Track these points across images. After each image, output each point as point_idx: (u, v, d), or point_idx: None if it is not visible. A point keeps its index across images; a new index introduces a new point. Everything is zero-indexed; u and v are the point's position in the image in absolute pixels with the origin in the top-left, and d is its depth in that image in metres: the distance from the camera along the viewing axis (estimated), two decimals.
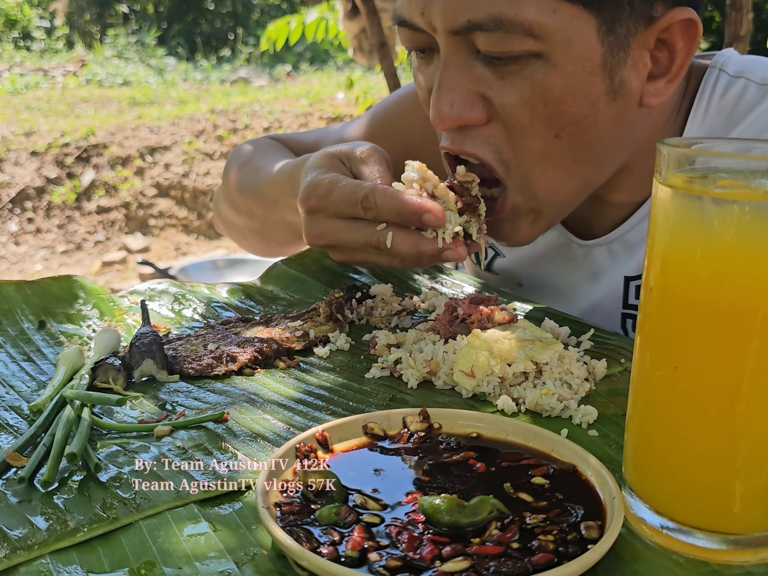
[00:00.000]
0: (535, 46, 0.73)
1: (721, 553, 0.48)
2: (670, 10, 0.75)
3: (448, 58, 0.77)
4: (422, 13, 0.76)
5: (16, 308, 0.88)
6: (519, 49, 0.73)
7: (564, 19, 0.72)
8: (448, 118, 0.78)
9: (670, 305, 0.48)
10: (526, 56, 0.74)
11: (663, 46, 0.78)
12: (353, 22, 3.76)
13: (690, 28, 0.77)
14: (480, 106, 0.77)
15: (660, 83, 0.79)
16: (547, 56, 0.74)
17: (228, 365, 0.74)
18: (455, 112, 0.77)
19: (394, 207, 0.75)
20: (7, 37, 9.55)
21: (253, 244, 1.25)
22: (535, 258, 1.01)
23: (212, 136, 6.01)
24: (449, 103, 0.77)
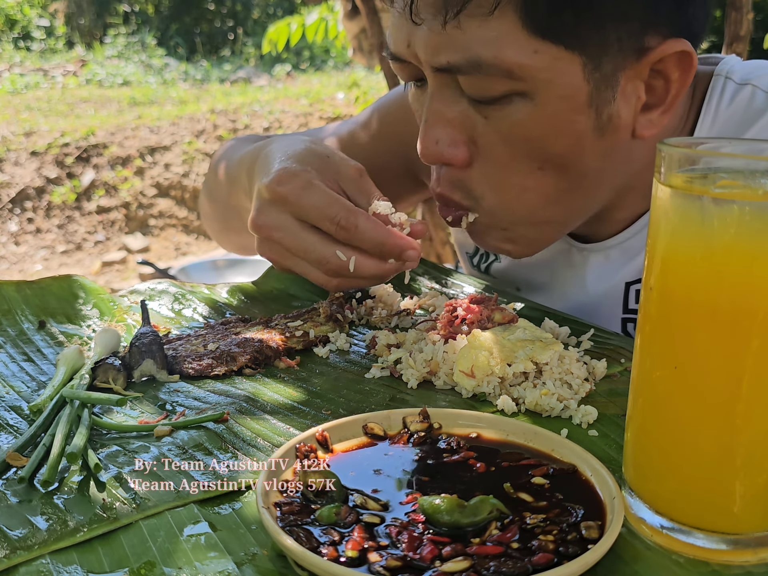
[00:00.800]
0: (516, 86, 0.72)
1: (721, 553, 0.48)
2: (664, 42, 0.74)
3: (434, 92, 0.77)
4: (408, 45, 0.76)
5: (16, 308, 0.88)
6: (500, 90, 0.73)
7: (546, 59, 0.71)
8: (432, 154, 0.78)
9: (670, 305, 0.48)
10: (509, 95, 0.73)
11: (659, 75, 0.76)
12: (353, 22, 3.76)
13: (684, 60, 0.75)
14: (464, 147, 0.78)
15: (654, 114, 0.78)
16: (529, 95, 0.73)
17: (228, 365, 0.74)
18: (439, 150, 0.78)
19: (378, 238, 0.75)
20: (7, 37, 9.55)
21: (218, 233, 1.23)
22: (533, 262, 1.01)
23: (212, 136, 6.01)
24: (434, 140, 0.78)
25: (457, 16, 0.71)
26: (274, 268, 1.03)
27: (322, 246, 0.76)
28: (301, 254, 0.78)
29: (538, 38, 0.71)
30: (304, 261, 0.78)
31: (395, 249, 0.76)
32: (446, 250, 3.49)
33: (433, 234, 3.45)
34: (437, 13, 0.72)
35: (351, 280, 0.80)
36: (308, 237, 0.77)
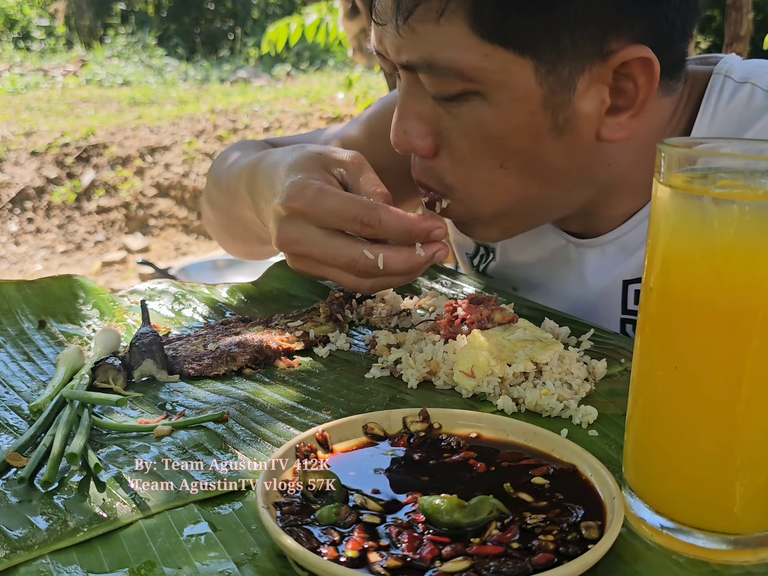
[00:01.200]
0: (470, 87, 0.74)
1: (721, 553, 0.48)
2: (625, 48, 0.73)
3: (405, 86, 0.80)
4: (380, 42, 0.80)
5: (16, 308, 0.88)
6: (455, 89, 0.75)
7: (497, 62, 0.73)
8: (402, 144, 0.82)
9: (670, 305, 0.48)
10: (465, 94, 0.75)
11: (627, 78, 0.76)
12: (353, 22, 3.76)
13: (647, 66, 0.74)
14: (430, 138, 0.80)
15: (622, 117, 0.77)
16: (483, 95, 0.75)
17: (228, 365, 0.74)
18: (407, 140, 0.81)
19: (403, 226, 0.76)
20: (7, 37, 9.55)
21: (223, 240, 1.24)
22: (530, 261, 1.01)
23: (212, 136, 6.01)
24: (403, 131, 0.81)
25: (407, 21, 0.74)
26: (275, 268, 1.03)
27: (348, 248, 0.77)
28: (330, 261, 0.78)
29: (487, 42, 0.72)
30: (334, 268, 0.78)
31: (422, 233, 0.76)
32: None
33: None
34: (392, 17, 0.75)
35: (384, 279, 0.79)
36: (333, 242, 0.77)
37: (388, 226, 0.76)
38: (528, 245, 1.01)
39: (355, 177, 0.82)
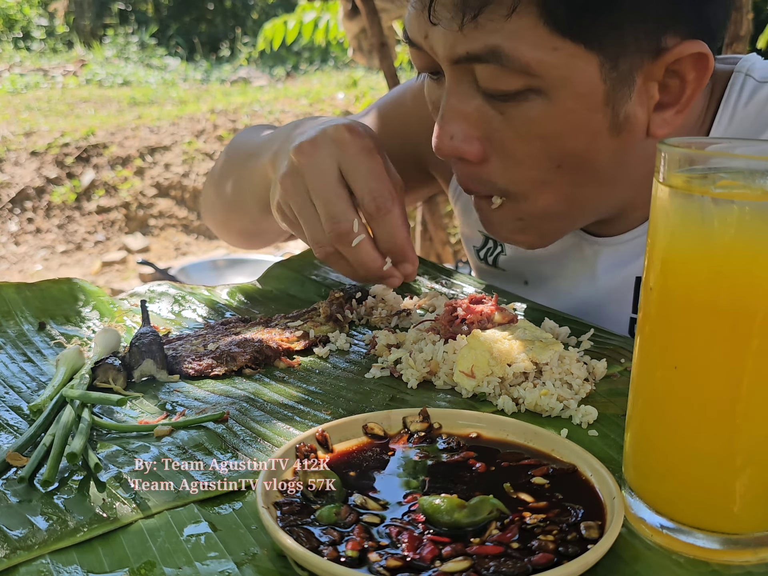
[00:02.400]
0: (532, 83, 0.72)
1: (721, 553, 0.48)
2: (681, 43, 0.73)
3: (451, 87, 0.77)
4: (425, 37, 0.76)
5: (15, 310, 0.88)
6: (516, 85, 0.73)
7: (563, 57, 0.71)
8: (447, 149, 0.79)
9: (670, 305, 0.48)
10: (524, 92, 0.73)
11: (675, 75, 0.76)
12: (353, 22, 3.76)
13: (701, 61, 0.75)
14: (477, 143, 0.78)
15: (668, 113, 0.77)
16: (545, 92, 0.73)
17: (228, 365, 0.74)
18: (453, 145, 0.78)
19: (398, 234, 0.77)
20: (7, 37, 9.55)
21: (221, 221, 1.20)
22: (543, 256, 1.00)
23: (212, 136, 6.01)
24: (449, 136, 0.78)
25: (476, 19, 0.71)
26: (274, 269, 1.03)
27: (345, 205, 0.76)
28: (321, 200, 0.77)
29: (558, 36, 0.71)
30: (313, 211, 0.78)
31: (401, 254, 0.78)
32: (446, 250, 3.50)
33: (433, 234, 3.45)
34: (455, 16, 0.72)
35: (339, 260, 0.80)
36: (338, 191, 0.77)
37: (388, 223, 0.76)
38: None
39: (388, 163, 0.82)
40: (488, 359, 0.68)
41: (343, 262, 0.80)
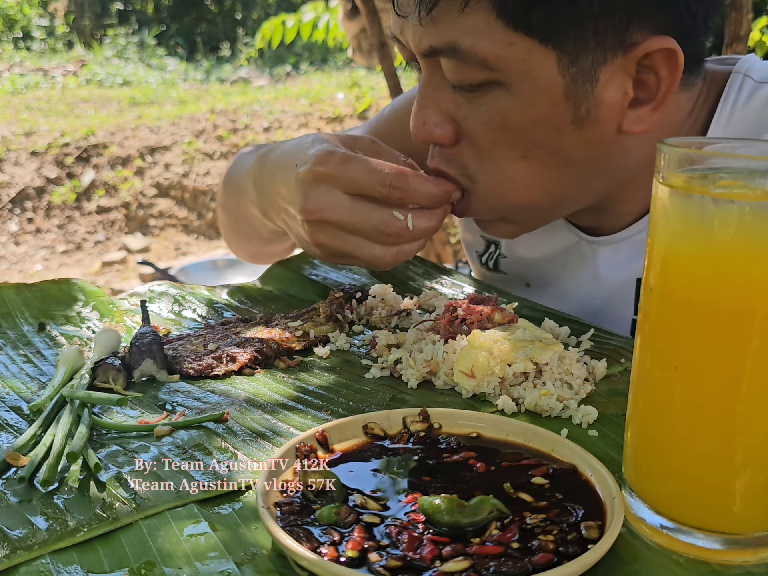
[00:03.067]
0: (492, 76, 0.74)
1: (721, 553, 0.48)
2: (648, 39, 0.73)
3: (425, 76, 0.80)
4: (401, 32, 0.80)
5: (15, 311, 0.88)
6: (477, 78, 0.75)
7: (520, 52, 0.72)
8: (420, 134, 0.82)
9: (670, 305, 0.48)
10: (487, 84, 0.75)
11: (649, 71, 0.76)
12: (353, 22, 3.76)
13: (671, 57, 0.74)
14: (449, 127, 0.80)
15: (644, 110, 0.77)
16: (506, 85, 0.75)
17: (228, 365, 0.74)
18: (426, 130, 0.81)
19: (430, 189, 0.79)
20: (7, 37, 9.55)
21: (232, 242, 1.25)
22: (543, 258, 1.00)
23: (212, 136, 6.01)
24: (422, 121, 0.81)
25: (430, 13, 0.74)
26: (274, 269, 1.03)
27: (378, 210, 0.78)
28: (359, 224, 0.78)
29: (512, 30, 0.72)
30: (359, 237, 0.79)
31: (446, 195, 0.80)
32: (446, 250, 3.50)
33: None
34: (415, 10, 0.75)
35: (408, 247, 0.81)
36: (362, 206, 0.78)
37: (416, 189, 0.77)
38: (539, 241, 1.00)
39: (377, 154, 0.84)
40: (488, 359, 0.68)
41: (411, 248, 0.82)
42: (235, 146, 5.85)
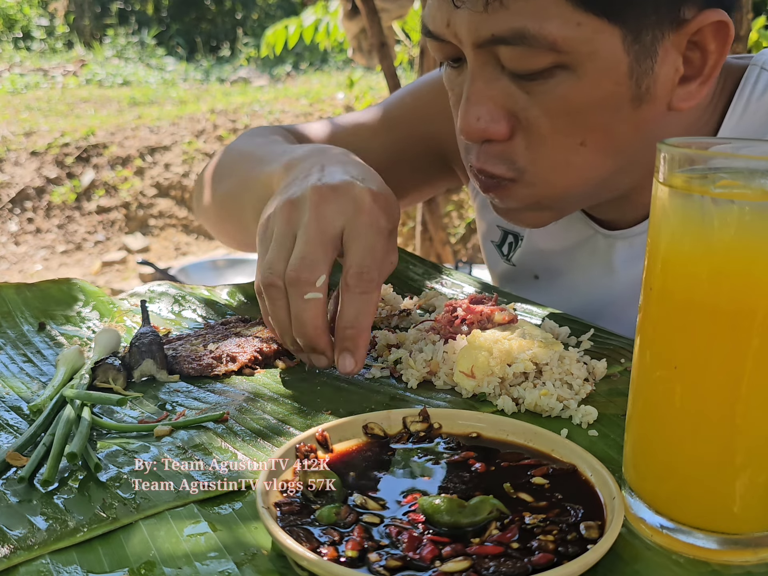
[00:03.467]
0: (560, 59, 0.73)
1: (721, 553, 0.48)
2: (700, 13, 0.74)
3: (475, 70, 0.77)
4: (447, 25, 0.76)
5: (15, 311, 0.88)
6: (543, 63, 0.73)
7: (587, 32, 0.72)
8: (474, 131, 0.78)
9: (670, 305, 0.48)
10: (551, 69, 0.73)
11: (695, 47, 0.76)
12: (353, 22, 3.76)
13: (721, 30, 0.75)
14: (504, 121, 0.78)
15: (692, 86, 0.78)
16: (572, 68, 0.73)
17: (228, 365, 0.74)
18: (481, 126, 0.78)
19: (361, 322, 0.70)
20: (7, 37, 9.55)
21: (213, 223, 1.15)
22: (556, 250, 0.99)
23: (212, 136, 6.01)
24: (476, 117, 0.77)
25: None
26: None
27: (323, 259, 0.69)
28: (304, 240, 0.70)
29: (581, 11, 0.71)
30: (289, 244, 0.71)
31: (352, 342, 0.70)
32: (446, 250, 3.50)
33: (433, 234, 3.45)
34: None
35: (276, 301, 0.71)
36: (327, 245, 0.70)
37: (362, 304, 0.69)
38: (556, 233, 0.99)
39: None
40: (488, 359, 0.68)
41: (278, 305, 0.72)
42: None
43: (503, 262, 1.09)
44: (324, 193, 0.72)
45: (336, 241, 0.71)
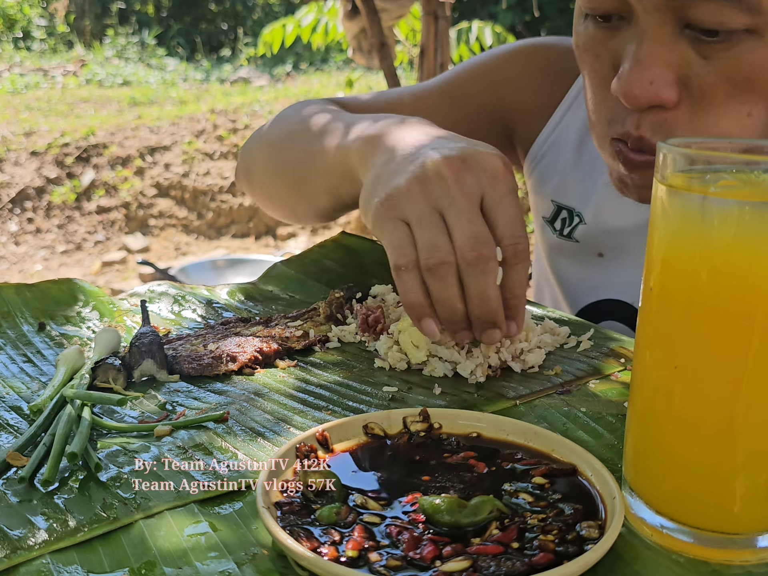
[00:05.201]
0: (753, 22, 0.69)
1: (721, 553, 0.48)
2: None
3: (652, 30, 0.73)
4: None
5: (15, 311, 0.88)
6: (737, 23, 0.69)
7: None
8: (645, 95, 0.74)
9: (670, 305, 0.48)
10: (738, 33, 0.70)
11: None
12: (353, 22, 3.76)
13: None
14: (677, 87, 0.74)
15: None
16: (761, 32, 0.70)
17: (228, 365, 0.74)
18: (653, 90, 0.73)
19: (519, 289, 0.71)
20: (7, 37, 9.55)
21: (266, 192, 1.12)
22: (625, 227, 0.97)
23: (212, 136, 6.01)
24: (648, 81, 0.73)
25: None
26: (274, 269, 1.03)
27: (488, 232, 0.68)
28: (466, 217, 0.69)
29: None
30: (440, 222, 0.69)
31: (513, 310, 0.71)
32: None
33: None
34: None
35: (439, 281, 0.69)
36: (481, 217, 0.69)
37: (520, 273, 0.70)
38: (627, 210, 0.95)
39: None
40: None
41: (449, 282, 0.69)
42: (235, 146, 5.85)
43: (553, 236, 1.06)
44: (457, 166, 0.71)
45: (481, 211, 0.71)
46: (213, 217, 5.45)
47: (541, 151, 1.08)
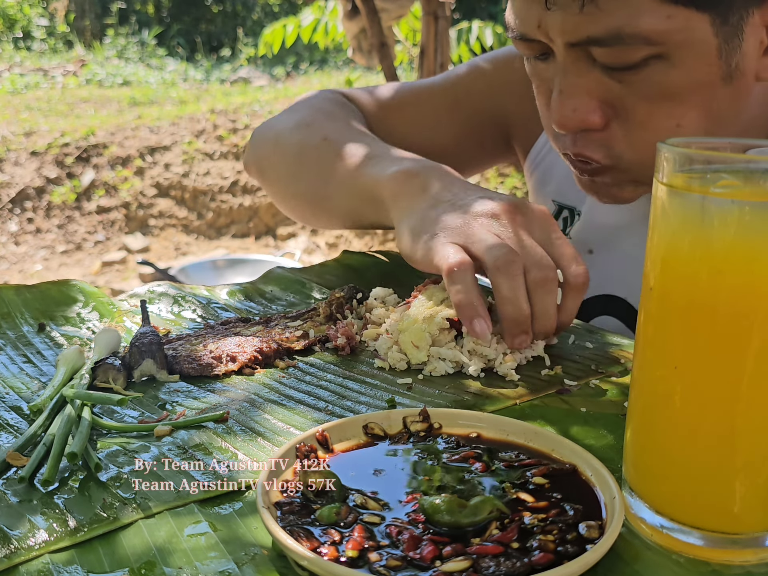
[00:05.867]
0: (654, 51, 0.74)
1: (721, 553, 0.48)
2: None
3: (567, 65, 0.79)
4: (538, 26, 0.78)
5: (15, 312, 0.88)
6: (638, 56, 0.75)
7: (679, 22, 0.73)
8: (571, 122, 0.80)
9: (670, 305, 0.48)
10: (644, 60, 0.75)
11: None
12: (353, 22, 3.77)
13: None
14: (599, 111, 0.80)
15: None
16: (665, 57, 0.75)
17: (228, 365, 0.74)
18: (578, 117, 0.80)
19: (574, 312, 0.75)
20: (7, 37, 9.55)
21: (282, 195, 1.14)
22: (615, 224, 1.00)
23: (212, 136, 6.00)
24: (572, 109, 0.80)
25: (595, 0, 0.72)
26: (274, 270, 1.03)
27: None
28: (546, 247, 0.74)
29: (670, 4, 0.73)
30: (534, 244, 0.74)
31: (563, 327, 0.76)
32: None
33: None
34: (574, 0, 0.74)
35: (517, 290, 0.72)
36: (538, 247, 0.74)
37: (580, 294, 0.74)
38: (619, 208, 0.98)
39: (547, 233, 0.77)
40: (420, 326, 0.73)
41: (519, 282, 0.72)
42: (235, 146, 5.85)
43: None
44: (510, 210, 0.77)
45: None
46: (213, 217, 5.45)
47: (542, 153, 1.10)
